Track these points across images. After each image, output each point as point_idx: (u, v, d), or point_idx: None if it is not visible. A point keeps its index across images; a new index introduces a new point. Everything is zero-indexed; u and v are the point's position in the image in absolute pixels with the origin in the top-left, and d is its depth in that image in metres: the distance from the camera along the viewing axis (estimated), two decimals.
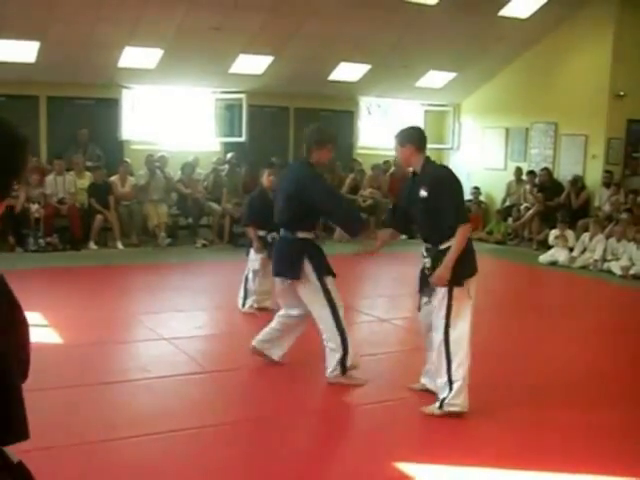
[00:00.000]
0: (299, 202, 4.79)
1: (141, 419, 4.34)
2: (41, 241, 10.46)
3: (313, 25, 11.61)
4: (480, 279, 4.50)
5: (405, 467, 3.79)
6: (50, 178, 11.10)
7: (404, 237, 13.13)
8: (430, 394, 4.63)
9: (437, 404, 4.44)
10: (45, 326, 6.24)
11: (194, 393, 4.87)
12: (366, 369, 5.12)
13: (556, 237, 11.22)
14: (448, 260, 4.27)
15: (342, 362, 4.89)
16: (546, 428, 4.35)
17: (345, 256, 6.34)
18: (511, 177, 13.77)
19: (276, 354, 5.25)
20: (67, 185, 11.15)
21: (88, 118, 12.02)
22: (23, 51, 10.72)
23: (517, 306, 8.09)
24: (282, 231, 5.01)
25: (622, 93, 12.37)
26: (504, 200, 13.84)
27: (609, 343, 6.70)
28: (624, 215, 10.95)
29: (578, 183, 12.59)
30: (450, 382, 4.35)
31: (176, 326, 6.50)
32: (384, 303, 8.15)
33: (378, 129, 15.16)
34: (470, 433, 4.28)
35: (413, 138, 4.50)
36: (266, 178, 7.01)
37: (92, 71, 11.55)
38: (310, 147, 4.87)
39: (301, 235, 4.88)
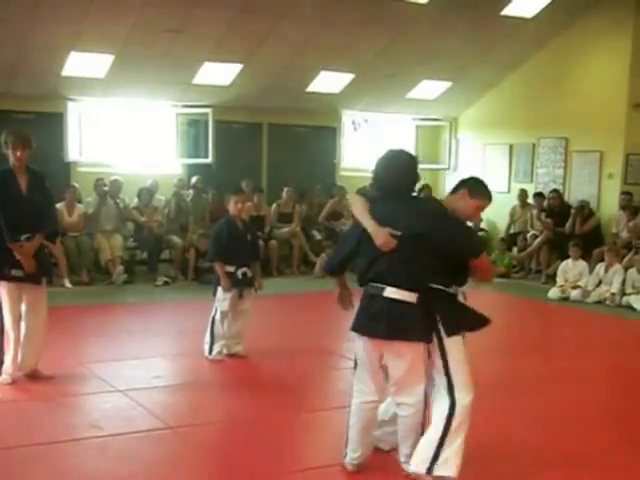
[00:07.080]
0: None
1: None
2: None
3: (289, 28, 11.76)
4: None
5: None
6: None
7: None
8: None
9: None
10: None
11: (154, 452, 4.92)
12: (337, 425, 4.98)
13: (561, 286, 11.22)
14: None
15: None
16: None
17: (322, 293, 6.40)
18: (515, 201, 13.93)
19: None
20: None
21: None
22: None
23: (523, 346, 8.19)
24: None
25: None
26: (508, 228, 13.98)
27: (629, 385, 6.90)
28: None
29: (585, 209, 12.73)
30: None
31: (132, 376, 6.55)
32: None
33: (364, 148, 15.29)
34: None
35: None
36: (233, 205, 7.10)
37: (31, 80, 11.65)
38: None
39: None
